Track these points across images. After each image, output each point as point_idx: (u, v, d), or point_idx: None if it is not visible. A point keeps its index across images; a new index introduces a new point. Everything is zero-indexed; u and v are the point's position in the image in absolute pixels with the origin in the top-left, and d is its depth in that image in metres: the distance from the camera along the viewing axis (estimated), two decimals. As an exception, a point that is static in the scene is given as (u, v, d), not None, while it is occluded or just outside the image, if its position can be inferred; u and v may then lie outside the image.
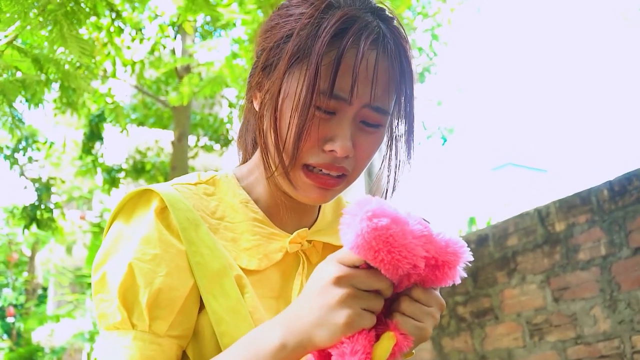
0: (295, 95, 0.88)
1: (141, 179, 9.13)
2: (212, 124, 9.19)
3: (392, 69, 0.90)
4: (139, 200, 0.94)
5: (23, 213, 7.90)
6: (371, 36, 0.88)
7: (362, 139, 0.92)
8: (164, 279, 0.87)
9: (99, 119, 8.10)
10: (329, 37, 0.86)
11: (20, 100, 4.17)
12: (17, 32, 3.56)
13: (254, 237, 0.97)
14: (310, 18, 0.90)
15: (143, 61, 6.92)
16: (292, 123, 0.89)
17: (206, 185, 1.01)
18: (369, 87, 0.88)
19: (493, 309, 3.70)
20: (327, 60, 0.86)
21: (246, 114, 1.06)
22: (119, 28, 4.58)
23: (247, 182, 1.03)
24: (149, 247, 0.88)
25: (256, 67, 0.98)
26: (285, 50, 0.91)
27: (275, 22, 0.96)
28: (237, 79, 6.22)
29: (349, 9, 0.90)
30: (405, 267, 0.72)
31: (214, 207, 0.98)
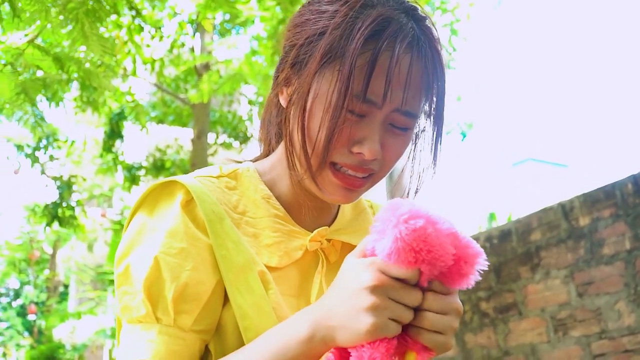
0: (326, 96, 0.87)
1: (161, 176, 9.18)
2: (231, 121, 9.20)
3: (425, 73, 0.89)
4: (162, 191, 0.93)
5: (44, 211, 7.98)
6: (406, 39, 0.86)
7: (391, 141, 0.91)
8: (190, 273, 0.87)
9: (119, 117, 8.15)
10: (363, 38, 0.85)
11: (41, 98, 4.21)
12: (37, 30, 3.59)
13: (275, 234, 0.96)
14: (345, 17, 0.88)
15: (163, 59, 6.95)
16: (322, 124, 0.88)
17: (228, 178, 1.00)
18: (401, 91, 0.87)
19: (517, 304, 3.67)
20: (361, 61, 0.85)
21: (270, 107, 1.05)
22: (139, 26, 4.61)
23: (269, 177, 1.02)
24: (175, 240, 0.88)
25: (284, 63, 0.96)
26: (317, 48, 0.89)
27: (306, 17, 0.94)
28: (256, 76, 6.22)
29: (383, 9, 0.88)
30: (441, 265, 0.73)
31: (236, 201, 0.97)
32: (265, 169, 1.03)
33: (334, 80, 0.87)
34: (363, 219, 1.09)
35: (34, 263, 18.36)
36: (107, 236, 13.61)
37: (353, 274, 0.76)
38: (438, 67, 0.90)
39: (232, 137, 9.18)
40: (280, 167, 1.01)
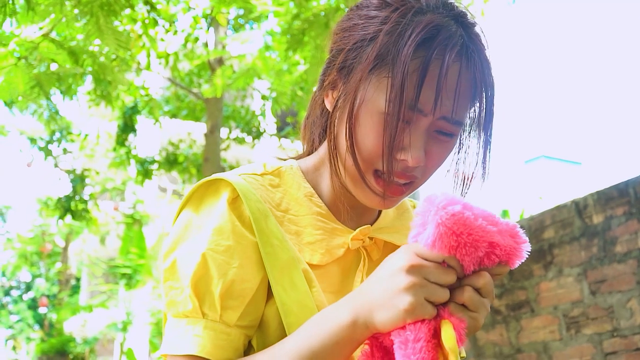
0: (374, 102, 0.88)
1: (174, 170, 9.21)
2: (244, 116, 9.21)
3: (473, 82, 0.89)
4: (208, 189, 0.95)
5: (57, 204, 8.04)
6: (456, 48, 0.86)
7: (435, 148, 0.91)
8: (237, 271, 0.88)
9: (132, 111, 8.19)
10: (415, 45, 0.85)
11: (55, 92, 4.24)
12: (52, 24, 3.60)
13: (317, 232, 0.97)
14: (395, 24, 0.88)
15: (177, 53, 6.97)
16: (369, 131, 0.88)
17: (272, 176, 1.01)
18: (450, 100, 0.87)
19: (529, 301, 3.66)
20: (410, 68, 0.85)
21: (314, 107, 1.05)
22: (153, 20, 4.62)
23: (312, 175, 1.03)
24: (222, 238, 0.89)
25: (331, 66, 0.97)
26: (366, 54, 0.89)
27: (354, 22, 0.94)
28: (269, 71, 6.23)
29: (433, 16, 0.88)
30: (484, 246, 0.77)
31: (279, 199, 0.98)
32: (309, 167, 1.04)
33: (382, 87, 0.87)
34: (406, 218, 1.10)
35: (45, 256, 18.49)
36: (120, 229, 13.69)
37: (391, 259, 0.80)
38: (487, 74, 0.90)
39: (244, 132, 9.19)
40: (323, 166, 1.02)
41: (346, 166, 0.93)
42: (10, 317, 24.03)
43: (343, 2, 4.63)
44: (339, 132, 0.94)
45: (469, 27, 0.91)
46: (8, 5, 3.26)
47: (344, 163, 0.93)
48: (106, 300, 13.18)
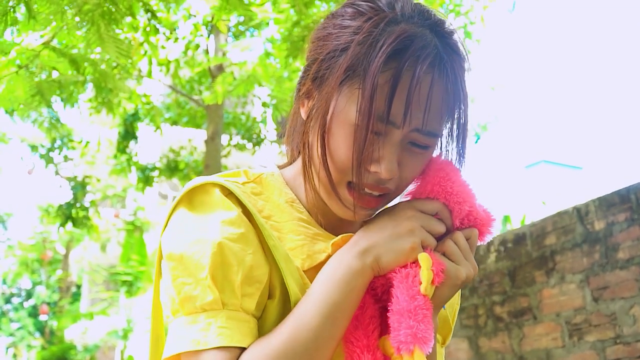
0: (346, 113, 0.88)
1: (174, 177, 9.21)
2: (245, 122, 9.22)
3: (446, 93, 0.89)
4: (197, 191, 0.94)
5: (58, 211, 8.03)
6: (428, 59, 0.86)
7: (408, 160, 0.91)
8: (252, 257, 0.89)
9: (133, 118, 8.20)
10: (385, 56, 0.84)
11: (56, 99, 4.24)
12: (53, 32, 3.60)
13: (299, 237, 0.97)
14: (367, 34, 0.87)
15: (178, 61, 6.97)
16: (341, 143, 0.89)
17: (253, 184, 1.01)
18: (421, 112, 0.87)
19: (531, 308, 3.65)
20: (381, 80, 0.85)
21: (294, 115, 1.05)
22: (154, 27, 4.62)
23: (293, 183, 1.03)
24: (234, 227, 0.89)
25: (306, 75, 0.97)
26: (338, 65, 0.89)
27: (328, 31, 0.94)
28: (270, 78, 6.24)
29: (407, 26, 0.88)
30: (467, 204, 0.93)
31: (261, 206, 0.98)
32: (290, 175, 1.04)
33: (354, 98, 0.87)
34: None
35: (46, 263, 18.47)
36: (120, 237, 13.68)
37: (393, 211, 0.93)
38: (460, 86, 0.90)
39: (245, 138, 9.20)
40: (302, 176, 1.02)
41: (319, 177, 0.93)
42: (11, 325, 24.01)
43: (343, 9, 4.64)
44: (312, 142, 0.94)
45: (444, 37, 0.91)
46: (9, 14, 3.26)
47: (318, 173, 0.93)
48: (107, 307, 13.17)
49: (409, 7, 0.92)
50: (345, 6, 0.96)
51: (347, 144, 0.88)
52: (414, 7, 0.92)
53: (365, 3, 0.93)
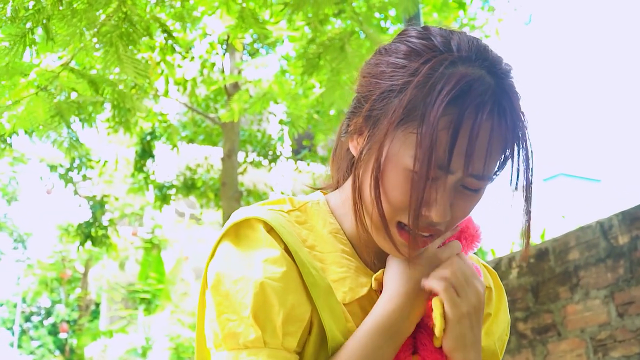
0: (401, 158, 0.87)
1: (191, 195, 9.24)
2: (260, 139, 9.25)
3: (505, 138, 0.88)
4: (243, 225, 0.95)
5: (78, 230, 8.07)
6: (488, 105, 0.85)
7: (461, 202, 0.90)
8: (294, 296, 0.90)
9: (150, 137, 8.25)
10: (445, 104, 0.83)
11: (74, 119, 4.27)
12: (72, 53, 3.64)
13: (341, 270, 0.97)
14: (425, 77, 0.86)
15: (195, 79, 7.02)
16: (395, 187, 0.88)
17: (298, 212, 1.02)
18: (480, 160, 0.86)
19: (555, 325, 3.60)
20: (439, 126, 0.84)
21: (340, 146, 1.05)
22: (171, 47, 4.65)
23: (339, 211, 1.03)
24: (276, 265, 0.90)
25: (357, 112, 0.96)
26: (393, 107, 0.88)
27: (381, 69, 0.93)
28: (285, 95, 6.25)
29: (465, 69, 0.86)
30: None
31: (305, 235, 0.99)
32: (337, 202, 1.04)
33: (409, 143, 0.86)
34: None
35: (65, 282, 18.57)
36: (138, 255, 13.73)
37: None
38: (520, 127, 0.89)
39: (261, 155, 9.23)
40: (349, 204, 1.02)
41: (370, 214, 0.93)
42: (32, 343, 24.13)
43: (357, 26, 4.65)
44: (363, 182, 0.93)
45: (502, 78, 0.89)
46: (27, 36, 3.29)
47: (369, 212, 0.93)
48: (126, 325, 13.21)
49: (465, 44, 0.90)
50: (398, 42, 0.95)
51: (401, 188, 0.88)
52: (470, 44, 0.90)
53: (420, 41, 0.91)
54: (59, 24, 3.36)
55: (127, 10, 3.36)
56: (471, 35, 0.92)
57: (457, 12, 7.36)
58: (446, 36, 0.91)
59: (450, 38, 0.90)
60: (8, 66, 3.34)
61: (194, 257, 15.01)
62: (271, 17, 5.07)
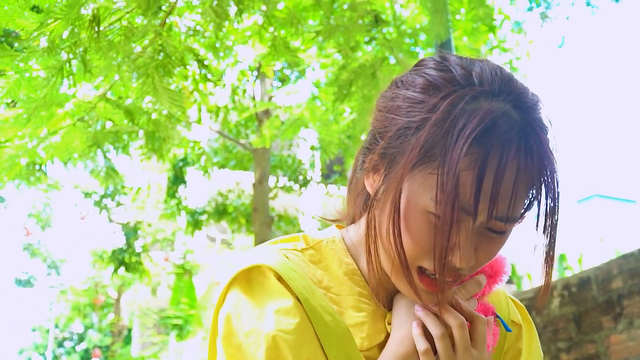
0: (418, 199, 0.82)
1: (223, 220, 9.28)
2: (291, 164, 9.29)
3: (532, 176, 0.82)
4: (254, 272, 0.91)
5: (112, 257, 8.15)
6: (514, 145, 0.79)
7: (485, 245, 0.85)
8: (309, 349, 0.85)
9: (183, 163, 8.33)
10: (467, 144, 0.78)
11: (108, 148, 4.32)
12: (108, 84, 3.69)
13: (359, 314, 0.92)
14: (444, 114, 0.80)
15: (227, 107, 7.09)
16: (414, 230, 0.83)
17: (313, 251, 0.97)
18: (506, 202, 0.81)
19: (599, 355, 3.51)
20: (461, 167, 0.78)
21: (355, 181, 1.00)
22: (204, 76, 4.70)
23: (355, 250, 0.98)
24: (289, 316, 0.86)
25: (373, 148, 0.91)
26: (410, 145, 0.82)
27: (397, 103, 0.88)
28: (317, 121, 6.27)
29: (488, 104, 0.80)
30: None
31: (320, 276, 0.94)
32: (354, 240, 0.99)
33: (428, 184, 0.81)
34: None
35: (98, 307, 18.71)
36: (170, 280, 13.79)
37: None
38: (547, 163, 0.83)
39: (292, 180, 9.25)
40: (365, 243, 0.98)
41: (388, 256, 0.88)
42: (64, 369, 24.29)
43: (389, 51, 4.65)
44: (379, 221, 0.88)
45: (529, 112, 0.83)
46: (65, 68, 3.34)
47: (388, 255, 0.88)
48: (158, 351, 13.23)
49: (488, 75, 0.84)
50: (415, 74, 0.89)
51: (421, 232, 0.83)
52: (493, 75, 0.84)
53: (438, 73, 0.86)
54: (95, 55, 3.42)
55: (163, 41, 3.40)
56: (495, 64, 0.87)
57: (487, 35, 7.33)
58: (467, 67, 0.85)
59: (472, 69, 0.85)
60: (45, 97, 3.39)
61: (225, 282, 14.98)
62: (302, 44, 5.10)
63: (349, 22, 4.34)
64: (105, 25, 3.31)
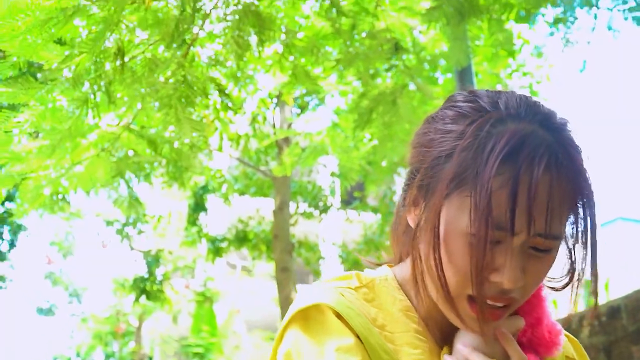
0: (458, 224, 0.83)
1: (244, 247, 9.29)
2: (311, 191, 9.29)
3: (566, 191, 0.83)
4: (312, 310, 0.91)
5: (133, 285, 8.17)
6: (544, 159, 0.80)
7: (532, 265, 0.85)
8: None
9: (203, 190, 8.37)
10: (498, 163, 0.80)
11: (130, 176, 4.35)
12: (132, 114, 3.73)
13: (416, 352, 0.92)
14: (472, 138, 0.83)
15: (248, 134, 7.13)
16: (457, 255, 0.84)
17: (366, 289, 0.97)
18: (542, 216, 0.81)
19: (629, 385, 3.43)
20: (494, 185, 0.80)
21: (399, 220, 1.02)
22: (225, 104, 4.73)
23: (407, 287, 0.98)
24: (350, 354, 0.85)
25: (411, 183, 0.93)
26: (444, 172, 0.85)
27: (430, 137, 0.91)
28: (337, 147, 6.28)
29: (515, 125, 0.83)
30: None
31: (375, 314, 0.94)
32: (405, 276, 0.99)
33: (465, 207, 0.83)
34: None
35: (119, 336, 18.70)
36: (191, 307, 13.78)
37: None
38: (582, 182, 0.85)
39: (312, 206, 9.25)
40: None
41: (436, 289, 0.89)
42: (85, 397, 24.23)
43: (409, 79, 4.66)
44: (424, 253, 0.89)
45: (557, 131, 0.85)
46: (89, 100, 3.38)
47: (436, 285, 0.88)
48: (179, 379, 13.17)
49: (514, 101, 0.87)
50: (445, 108, 0.92)
51: (463, 256, 0.83)
52: (519, 101, 0.87)
53: (466, 104, 0.89)
54: (119, 87, 3.46)
55: (185, 72, 3.44)
56: (521, 94, 0.89)
57: (507, 60, 7.34)
58: (493, 96, 0.88)
59: (498, 98, 0.87)
60: (70, 129, 3.43)
61: (245, 309, 14.98)
62: (322, 72, 5.13)
63: (369, 50, 4.36)
64: (128, 56, 3.35)
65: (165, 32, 3.20)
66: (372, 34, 4.28)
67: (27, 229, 7.96)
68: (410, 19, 4.46)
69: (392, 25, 4.35)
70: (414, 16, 4.40)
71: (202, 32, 3.79)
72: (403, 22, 4.47)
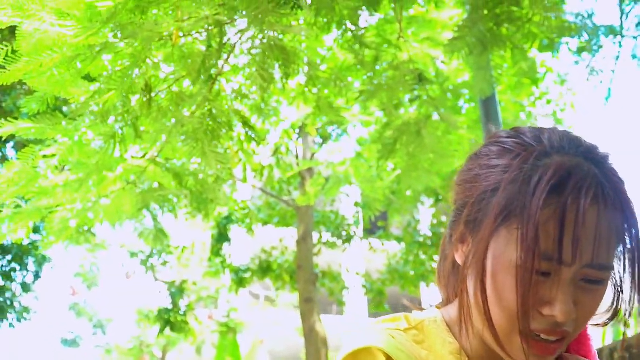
0: (507, 258, 0.83)
1: (267, 278, 9.26)
2: (334, 220, 9.27)
3: (614, 223, 0.83)
4: (364, 353, 0.90)
5: (158, 316, 8.17)
6: (591, 190, 0.81)
7: (583, 298, 0.85)
8: None
9: (227, 221, 8.38)
10: (545, 195, 0.80)
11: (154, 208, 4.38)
12: (156, 147, 3.76)
13: None
14: (518, 171, 0.84)
15: (271, 165, 7.17)
16: (507, 290, 0.83)
17: (416, 331, 0.96)
18: (591, 247, 0.81)
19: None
20: (542, 218, 0.80)
21: (445, 259, 1.02)
22: (249, 136, 4.76)
23: (456, 331, 0.98)
24: None
25: (458, 220, 0.93)
26: (491, 206, 0.85)
27: (475, 172, 0.91)
28: (361, 177, 6.28)
29: (560, 158, 0.84)
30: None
31: (425, 356, 0.93)
32: (453, 318, 0.98)
33: (513, 240, 0.82)
34: None
35: (143, 367, 18.67)
36: (214, 338, 13.72)
37: None
38: (628, 213, 0.85)
39: (335, 236, 9.22)
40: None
41: (488, 328, 0.88)
42: None
43: (434, 109, 4.65)
44: (472, 290, 0.89)
45: (601, 163, 0.86)
46: (116, 135, 3.42)
47: (485, 322, 0.88)
48: (203, 411, 13.07)
49: (557, 137, 0.88)
50: (489, 145, 0.93)
51: (513, 290, 0.83)
52: (562, 136, 0.88)
53: (510, 140, 0.90)
54: (145, 121, 3.50)
55: (211, 106, 3.46)
56: (563, 130, 0.91)
57: (530, 88, 7.32)
58: (536, 132, 0.89)
59: (541, 133, 0.89)
60: (98, 164, 3.47)
61: (269, 340, 14.88)
62: (346, 103, 5.14)
63: (392, 81, 4.37)
64: (155, 92, 3.39)
65: (191, 67, 3.24)
66: (395, 65, 4.29)
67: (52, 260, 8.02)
68: (433, 49, 4.47)
69: (415, 56, 4.36)
70: (437, 47, 4.41)
71: (227, 65, 3.83)
72: (426, 53, 4.48)
